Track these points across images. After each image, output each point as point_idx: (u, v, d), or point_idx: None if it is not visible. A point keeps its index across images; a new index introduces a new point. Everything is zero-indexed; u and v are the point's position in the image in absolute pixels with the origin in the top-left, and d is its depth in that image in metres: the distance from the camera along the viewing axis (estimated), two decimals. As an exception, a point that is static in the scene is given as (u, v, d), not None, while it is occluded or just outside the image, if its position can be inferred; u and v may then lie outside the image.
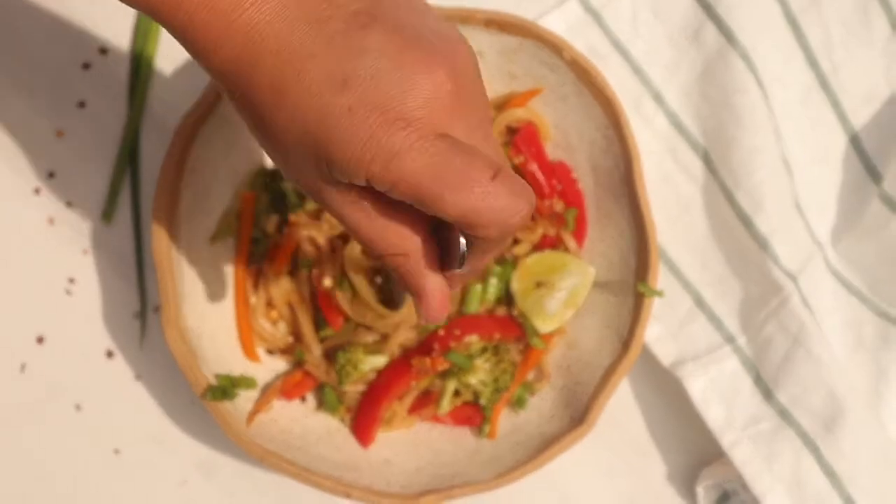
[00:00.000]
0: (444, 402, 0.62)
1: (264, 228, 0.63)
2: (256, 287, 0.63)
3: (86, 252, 0.66)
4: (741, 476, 0.62)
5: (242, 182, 0.63)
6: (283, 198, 0.62)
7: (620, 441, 0.66)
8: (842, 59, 0.64)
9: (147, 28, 0.65)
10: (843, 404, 0.60)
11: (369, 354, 0.61)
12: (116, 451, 0.66)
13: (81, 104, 0.66)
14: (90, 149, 0.66)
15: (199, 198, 0.61)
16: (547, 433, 0.61)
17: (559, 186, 0.63)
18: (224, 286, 0.63)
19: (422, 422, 0.64)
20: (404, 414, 0.63)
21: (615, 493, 0.66)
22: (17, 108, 0.66)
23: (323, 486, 0.59)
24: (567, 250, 0.63)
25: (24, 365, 0.66)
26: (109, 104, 0.66)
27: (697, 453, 0.66)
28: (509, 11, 0.60)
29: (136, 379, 0.66)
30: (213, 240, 0.63)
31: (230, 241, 0.63)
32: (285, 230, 0.62)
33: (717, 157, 0.63)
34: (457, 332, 0.61)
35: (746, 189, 0.61)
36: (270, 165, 0.63)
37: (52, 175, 0.66)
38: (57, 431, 0.66)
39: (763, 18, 0.63)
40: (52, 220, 0.66)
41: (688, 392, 0.62)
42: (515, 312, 0.62)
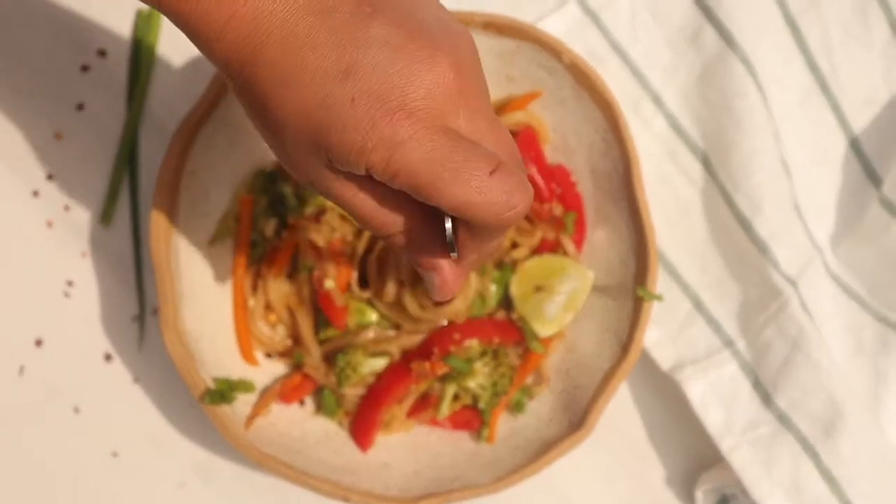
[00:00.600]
0: (444, 405, 0.62)
1: (263, 231, 0.62)
2: (255, 290, 0.63)
3: (84, 254, 0.66)
4: (740, 480, 0.61)
5: (241, 185, 0.63)
6: (281, 200, 0.62)
7: (619, 445, 0.66)
8: (841, 62, 0.64)
9: (146, 30, 0.65)
10: (842, 409, 0.60)
11: (369, 357, 0.61)
12: (114, 454, 0.66)
13: (80, 106, 0.66)
14: (89, 151, 0.66)
15: (198, 200, 0.61)
16: (546, 437, 0.61)
17: (558, 190, 0.63)
18: (223, 289, 0.63)
19: (421, 425, 0.64)
20: (403, 417, 0.63)
21: (614, 497, 0.66)
22: (16, 110, 0.66)
23: (321, 490, 0.59)
24: (566, 254, 0.63)
25: (22, 367, 0.66)
26: (108, 106, 0.66)
27: (696, 458, 0.66)
28: (507, 14, 0.59)
29: (134, 382, 0.66)
30: (212, 242, 0.62)
31: (229, 244, 0.63)
32: (284, 233, 0.62)
33: (716, 159, 0.63)
34: (456, 336, 0.61)
35: (746, 192, 0.61)
36: (269, 168, 0.63)
37: (50, 177, 0.66)
38: (55, 434, 0.66)
39: (762, 21, 0.63)
40: (50, 223, 0.66)
41: (687, 396, 0.62)
42: (515, 316, 0.62)
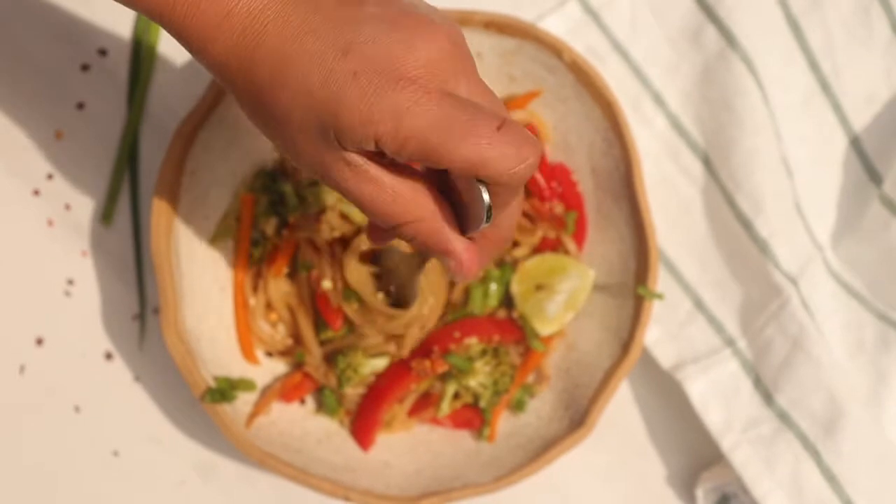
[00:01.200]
0: (444, 404, 0.62)
1: (263, 230, 0.62)
2: (256, 289, 0.63)
3: (85, 254, 0.66)
4: (741, 479, 0.62)
5: (241, 184, 0.63)
6: (282, 200, 0.62)
7: (620, 444, 0.66)
8: (843, 61, 0.64)
9: (146, 29, 0.65)
10: (842, 407, 0.60)
11: (369, 357, 0.61)
12: (115, 453, 0.66)
13: (81, 105, 0.66)
14: (89, 150, 0.66)
15: (199, 200, 0.61)
16: (546, 436, 0.61)
17: (559, 189, 0.63)
18: (223, 288, 0.63)
19: (421, 424, 0.64)
20: (404, 416, 0.63)
21: (615, 495, 0.66)
22: (17, 109, 0.66)
23: (321, 489, 0.59)
24: (567, 253, 0.63)
25: (23, 366, 0.66)
26: (109, 106, 0.66)
27: (697, 456, 0.66)
28: (508, 13, 0.59)
29: (135, 380, 0.66)
30: (213, 242, 0.62)
31: (229, 243, 0.63)
32: (284, 232, 0.62)
33: (717, 158, 0.63)
34: (456, 334, 0.61)
35: (746, 191, 0.61)
36: (270, 167, 0.63)
37: (51, 176, 0.66)
38: (56, 433, 0.66)
39: (764, 20, 0.63)
40: (51, 222, 0.66)
41: (687, 395, 0.62)
42: (515, 315, 0.62)
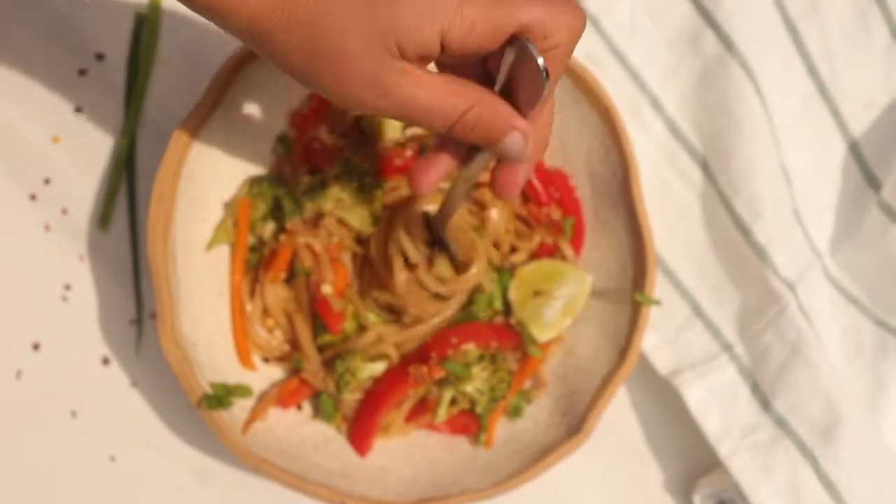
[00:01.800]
0: (441, 410, 0.62)
1: (261, 236, 0.62)
2: (252, 295, 0.63)
3: (82, 258, 0.66)
4: (738, 485, 0.61)
5: (238, 190, 0.63)
6: (279, 205, 0.62)
7: (617, 450, 0.66)
8: (841, 67, 0.64)
9: (144, 34, 0.65)
10: (840, 413, 0.60)
11: (368, 362, 0.61)
12: (112, 458, 0.66)
13: (78, 110, 0.66)
14: (86, 155, 0.66)
15: (196, 205, 0.61)
16: (544, 442, 0.61)
17: (557, 194, 0.62)
18: (220, 293, 0.63)
19: (418, 430, 0.64)
20: (401, 422, 0.63)
21: (612, 501, 0.66)
22: (14, 113, 0.66)
23: (318, 495, 0.59)
24: (564, 259, 0.62)
25: (19, 371, 0.66)
26: (106, 110, 0.66)
27: (694, 462, 0.66)
28: (507, 19, 0.59)
29: (131, 386, 0.66)
30: (210, 247, 0.62)
31: (226, 249, 0.63)
32: (282, 238, 0.62)
33: (715, 164, 0.62)
34: (454, 340, 0.60)
35: (745, 197, 0.61)
36: (267, 172, 0.63)
37: (48, 181, 0.66)
38: (53, 438, 0.66)
39: (762, 25, 0.62)
40: (48, 227, 0.66)
41: (685, 400, 0.62)
42: (513, 321, 0.62)
